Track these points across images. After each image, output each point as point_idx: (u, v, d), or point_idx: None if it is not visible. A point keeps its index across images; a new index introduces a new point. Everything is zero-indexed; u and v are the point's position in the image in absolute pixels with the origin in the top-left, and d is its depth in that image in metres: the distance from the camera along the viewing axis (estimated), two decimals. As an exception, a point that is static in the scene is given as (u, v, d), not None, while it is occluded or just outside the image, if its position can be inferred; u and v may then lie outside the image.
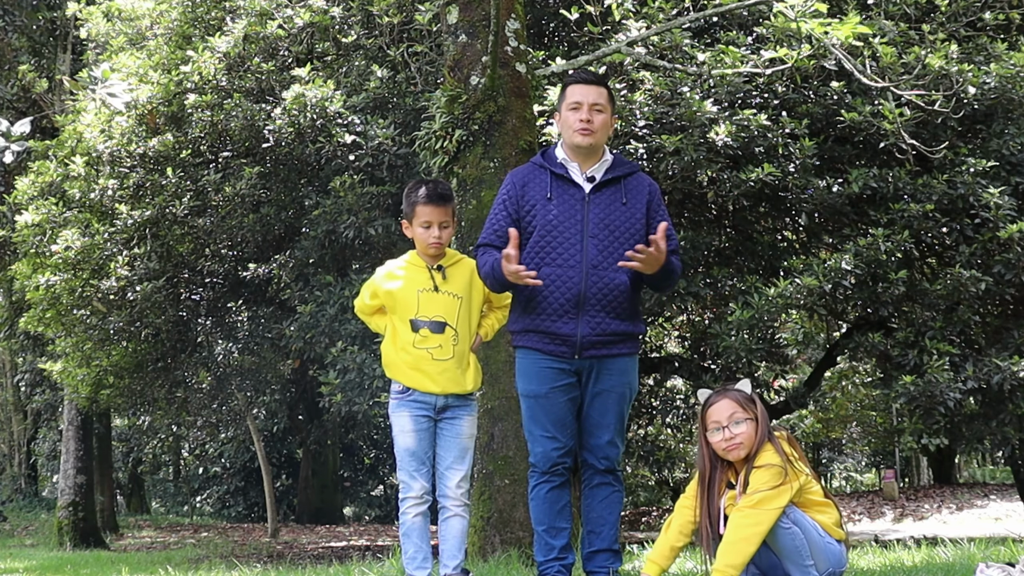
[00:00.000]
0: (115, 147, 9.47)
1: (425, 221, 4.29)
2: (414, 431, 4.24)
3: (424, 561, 4.19)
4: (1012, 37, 9.19)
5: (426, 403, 4.26)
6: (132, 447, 23.17)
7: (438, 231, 4.30)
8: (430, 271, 4.31)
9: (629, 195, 4.25)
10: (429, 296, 4.27)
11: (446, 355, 4.25)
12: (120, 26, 10.80)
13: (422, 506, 4.21)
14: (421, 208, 4.30)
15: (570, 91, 4.29)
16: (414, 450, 4.24)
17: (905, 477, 22.56)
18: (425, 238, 4.30)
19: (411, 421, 4.25)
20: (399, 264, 4.39)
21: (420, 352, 4.24)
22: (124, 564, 9.10)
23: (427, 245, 4.31)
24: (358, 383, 8.96)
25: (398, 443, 4.28)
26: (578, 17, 8.21)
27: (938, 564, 4.95)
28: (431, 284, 4.29)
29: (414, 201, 4.34)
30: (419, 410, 4.26)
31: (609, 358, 4.17)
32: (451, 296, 4.30)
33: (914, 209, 8.35)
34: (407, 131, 8.82)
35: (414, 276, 4.32)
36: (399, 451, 4.27)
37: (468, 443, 4.32)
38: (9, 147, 4.54)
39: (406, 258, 4.40)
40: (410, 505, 4.22)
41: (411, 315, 4.26)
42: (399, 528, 4.28)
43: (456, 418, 4.30)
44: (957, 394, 8.07)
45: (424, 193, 4.32)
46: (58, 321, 10.15)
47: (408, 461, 4.23)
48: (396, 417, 4.29)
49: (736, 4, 7.70)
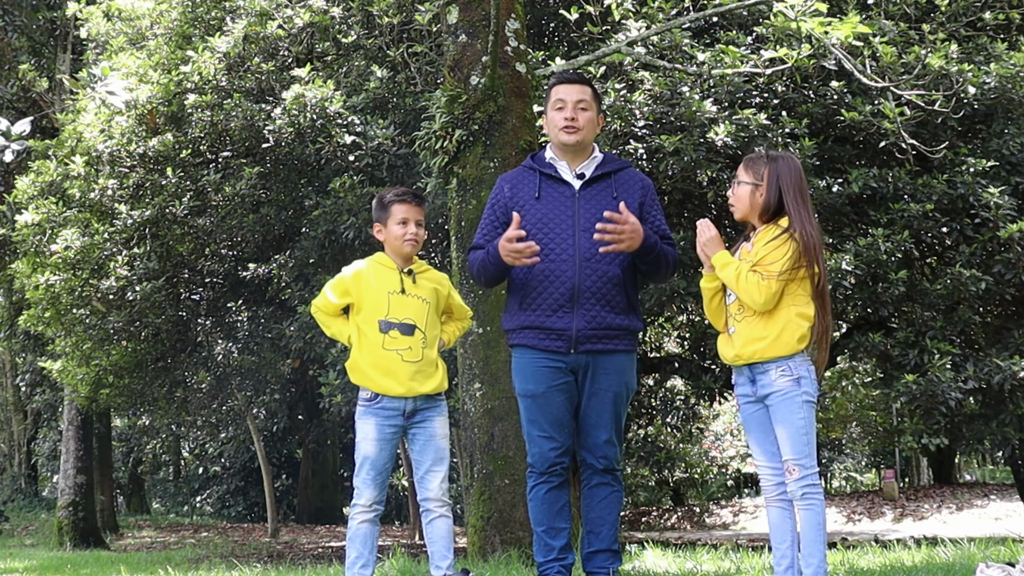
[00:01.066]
0: (115, 147, 9.47)
1: (401, 218, 4.31)
2: (376, 440, 4.24)
3: (364, 568, 4.21)
4: (1012, 37, 9.19)
5: (395, 409, 4.24)
6: (132, 447, 23.18)
7: (414, 228, 4.31)
8: (400, 273, 4.31)
9: (620, 189, 4.26)
10: (399, 298, 4.27)
11: (415, 357, 4.24)
12: (120, 26, 10.80)
13: (370, 514, 4.25)
14: (397, 207, 4.33)
15: (554, 91, 4.32)
16: (373, 459, 4.24)
17: (905, 477, 22.56)
18: (401, 234, 4.30)
19: (375, 430, 4.24)
20: (367, 264, 4.37)
21: (389, 354, 4.22)
22: (124, 564, 9.10)
23: (403, 242, 4.31)
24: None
25: (359, 449, 4.28)
26: (578, 17, 8.21)
27: (938, 564, 4.95)
28: (399, 286, 4.29)
29: (389, 201, 4.36)
30: (387, 419, 4.24)
31: (605, 355, 4.17)
32: (420, 300, 4.31)
33: (914, 209, 8.35)
34: (407, 131, 8.82)
35: (384, 276, 4.31)
36: (359, 457, 4.28)
37: (443, 443, 4.31)
38: (9, 146, 4.54)
39: (374, 259, 4.38)
40: (358, 511, 4.26)
41: (380, 316, 4.24)
42: (347, 531, 4.31)
43: (427, 420, 4.29)
44: (958, 394, 8.07)
45: (399, 193, 4.38)
46: (58, 320, 10.15)
47: (366, 469, 4.25)
48: (361, 424, 4.28)
49: (736, 4, 7.70)
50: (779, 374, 3.85)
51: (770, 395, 3.86)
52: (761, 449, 3.96)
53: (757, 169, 4.01)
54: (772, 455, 3.93)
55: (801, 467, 3.82)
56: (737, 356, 3.93)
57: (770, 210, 3.95)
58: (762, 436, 3.94)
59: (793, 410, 3.83)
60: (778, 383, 3.84)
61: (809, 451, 3.84)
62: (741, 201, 4.01)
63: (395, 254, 4.35)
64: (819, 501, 3.84)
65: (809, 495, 3.81)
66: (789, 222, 3.90)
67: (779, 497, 3.93)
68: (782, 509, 3.93)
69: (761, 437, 3.95)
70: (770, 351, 3.86)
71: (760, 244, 3.93)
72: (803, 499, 3.82)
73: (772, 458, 3.93)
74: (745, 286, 3.85)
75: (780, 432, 3.86)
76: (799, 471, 3.82)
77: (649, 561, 5.73)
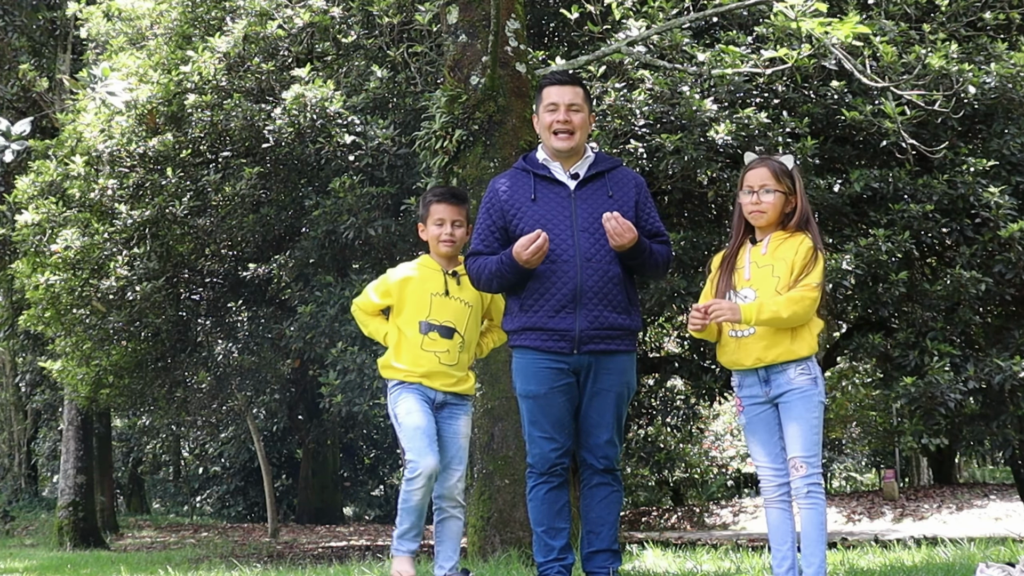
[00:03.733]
0: (115, 147, 9.47)
1: (438, 219, 4.34)
2: (420, 410, 4.21)
3: (417, 536, 4.19)
4: (1012, 37, 9.19)
5: (426, 395, 4.27)
6: (132, 447, 23.17)
7: (451, 228, 4.32)
8: (444, 275, 4.32)
9: (614, 188, 4.27)
10: (441, 300, 4.29)
11: (452, 360, 4.28)
12: (120, 26, 10.80)
13: (430, 483, 4.12)
14: (435, 206, 4.35)
15: (546, 92, 4.31)
16: (423, 426, 4.17)
17: (905, 477, 22.55)
18: (437, 235, 4.33)
19: (416, 402, 4.23)
20: (412, 266, 4.40)
21: (427, 354, 4.25)
22: (124, 564, 9.10)
23: (439, 242, 4.33)
24: (358, 383, 8.96)
25: (405, 424, 4.18)
26: (578, 17, 8.20)
27: (938, 564, 4.95)
28: (443, 288, 4.29)
29: (428, 201, 4.40)
30: (422, 395, 4.26)
31: (607, 355, 4.17)
32: (462, 303, 4.32)
33: (914, 209, 8.35)
34: (407, 131, 8.82)
35: (427, 278, 4.33)
36: (407, 431, 4.17)
37: (464, 443, 4.34)
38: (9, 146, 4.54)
39: (419, 261, 4.42)
40: (420, 485, 4.11)
41: (421, 317, 4.27)
42: (401, 503, 4.18)
43: (454, 417, 4.32)
44: (958, 395, 8.06)
45: (438, 192, 4.43)
46: (58, 320, 10.14)
47: (419, 437, 4.14)
48: (401, 402, 4.24)
49: (736, 4, 7.70)
50: (798, 373, 3.88)
51: (786, 393, 3.87)
52: (764, 450, 3.96)
53: (785, 177, 4.01)
54: (775, 456, 3.93)
55: (809, 465, 3.83)
56: (759, 360, 3.91)
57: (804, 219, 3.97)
58: (767, 436, 3.95)
59: (810, 408, 3.86)
60: (797, 381, 3.87)
61: (816, 451, 3.86)
62: (775, 209, 3.98)
63: (436, 255, 4.37)
64: (822, 500, 3.86)
65: (814, 493, 3.83)
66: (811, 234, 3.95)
67: (780, 498, 3.93)
68: (782, 510, 3.93)
69: (766, 438, 3.95)
70: (794, 352, 3.88)
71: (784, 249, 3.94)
72: (807, 497, 3.83)
73: (775, 459, 3.93)
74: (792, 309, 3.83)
75: (792, 429, 3.86)
76: (806, 468, 3.83)
77: (649, 561, 5.74)
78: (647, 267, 4.23)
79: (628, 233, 4.04)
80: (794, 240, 3.95)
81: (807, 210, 4.00)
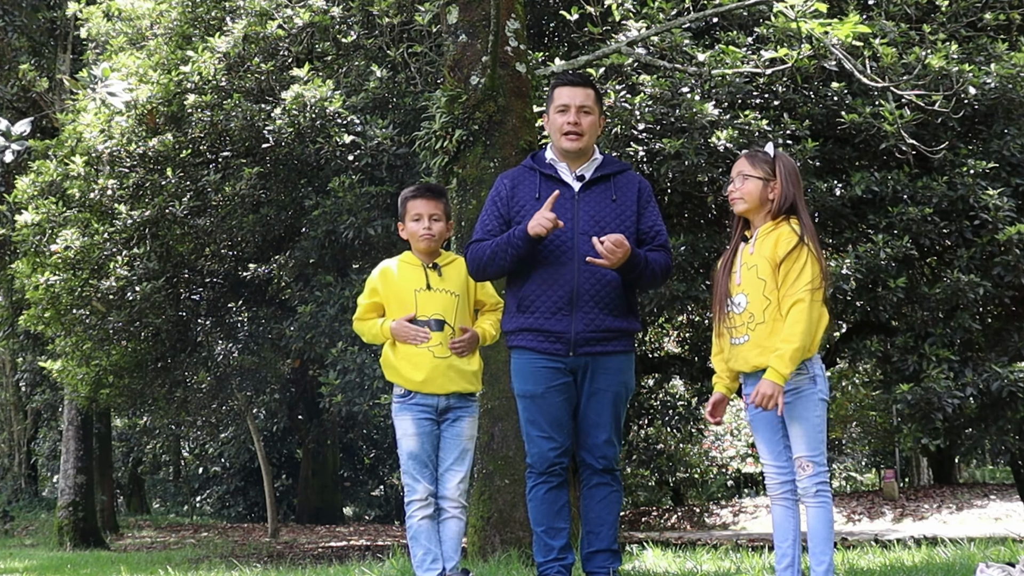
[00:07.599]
0: (115, 147, 9.47)
1: (416, 214, 4.35)
2: (416, 434, 4.26)
3: (433, 563, 4.21)
4: (1012, 37, 9.19)
5: (428, 406, 4.28)
6: (132, 447, 23.16)
7: (428, 222, 4.33)
8: (425, 269, 4.33)
9: (619, 192, 4.27)
10: (425, 295, 4.30)
11: (446, 353, 4.27)
12: (120, 26, 10.79)
13: (428, 508, 4.24)
14: (412, 202, 4.37)
15: (557, 93, 4.31)
16: (416, 453, 4.26)
17: (905, 477, 22.55)
18: (416, 230, 4.34)
19: (413, 424, 4.27)
20: (393, 263, 4.41)
21: (420, 350, 4.25)
22: (124, 564, 9.10)
23: (418, 237, 4.34)
24: (358, 383, 8.96)
25: (401, 446, 4.31)
26: (578, 17, 8.20)
27: (938, 564, 4.95)
28: (425, 283, 4.30)
29: (405, 198, 4.43)
30: (421, 413, 4.28)
31: (604, 355, 4.17)
32: (448, 294, 4.33)
33: (913, 212, 8.34)
34: (407, 131, 8.82)
35: (409, 275, 4.34)
36: (402, 454, 4.30)
37: (468, 444, 4.34)
38: (9, 147, 4.54)
39: (400, 258, 4.43)
40: (416, 508, 4.25)
41: (409, 315, 4.27)
42: (407, 531, 4.29)
43: (458, 419, 4.32)
44: (956, 400, 8.06)
45: (414, 188, 4.45)
46: (58, 320, 10.14)
47: (411, 465, 4.26)
48: (399, 421, 4.31)
49: (736, 4, 7.70)
50: (796, 373, 3.86)
51: (786, 394, 3.86)
52: (768, 448, 3.97)
53: (763, 164, 4.01)
54: (779, 454, 3.94)
55: (815, 464, 3.84)
56: (755, 366, 3.90)
57: (786, 204, 3.95)
58: (770, 435, 3.95)
59: (809, 408, 3.86)
60: (795, 381, 3.86)
61: (822, 449, 3.87)
62: (751, 196, 3.99)
63: (416, 251, 4.39)
64: (830, 499, 3.87)
65: (821, 492, 3.84)
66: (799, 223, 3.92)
67: (784, 495, 3.94)
68: (786, 508, 3.94)
69: (769, 436, 3.95)
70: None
71: (766, 245, 3.92)
72: (815, 496, 3.83)
73: (778, 457, 3.94)
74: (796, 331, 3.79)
75: (795, 429, 3.87)
76: (812, 467, 3.84)
77: (649, 561, 5.74)
78: (644, 279, 4.20)
79: (619, 249, 4.01)
80: (776, 232, 3.93)
81: (791, 194, 3.95)
